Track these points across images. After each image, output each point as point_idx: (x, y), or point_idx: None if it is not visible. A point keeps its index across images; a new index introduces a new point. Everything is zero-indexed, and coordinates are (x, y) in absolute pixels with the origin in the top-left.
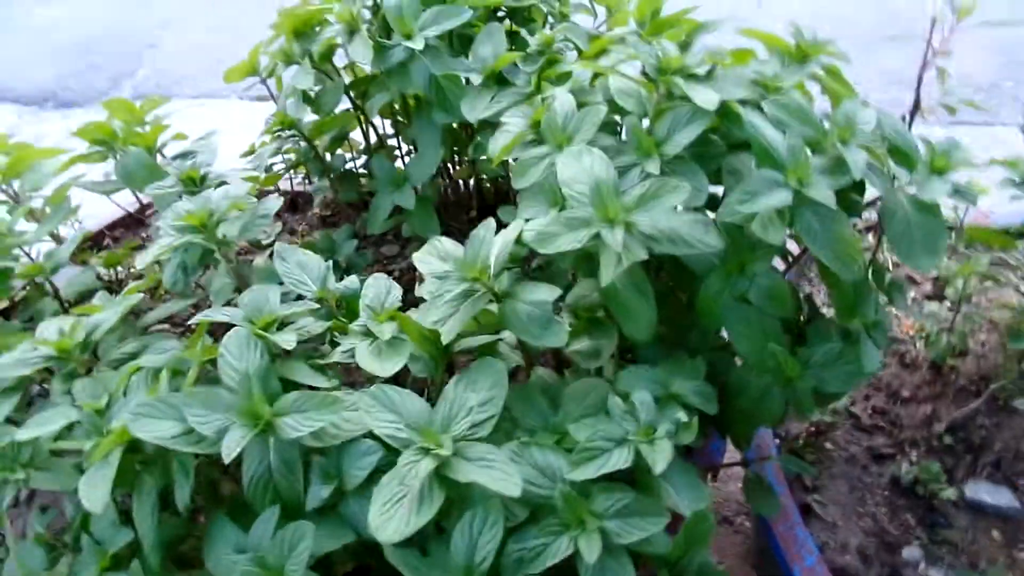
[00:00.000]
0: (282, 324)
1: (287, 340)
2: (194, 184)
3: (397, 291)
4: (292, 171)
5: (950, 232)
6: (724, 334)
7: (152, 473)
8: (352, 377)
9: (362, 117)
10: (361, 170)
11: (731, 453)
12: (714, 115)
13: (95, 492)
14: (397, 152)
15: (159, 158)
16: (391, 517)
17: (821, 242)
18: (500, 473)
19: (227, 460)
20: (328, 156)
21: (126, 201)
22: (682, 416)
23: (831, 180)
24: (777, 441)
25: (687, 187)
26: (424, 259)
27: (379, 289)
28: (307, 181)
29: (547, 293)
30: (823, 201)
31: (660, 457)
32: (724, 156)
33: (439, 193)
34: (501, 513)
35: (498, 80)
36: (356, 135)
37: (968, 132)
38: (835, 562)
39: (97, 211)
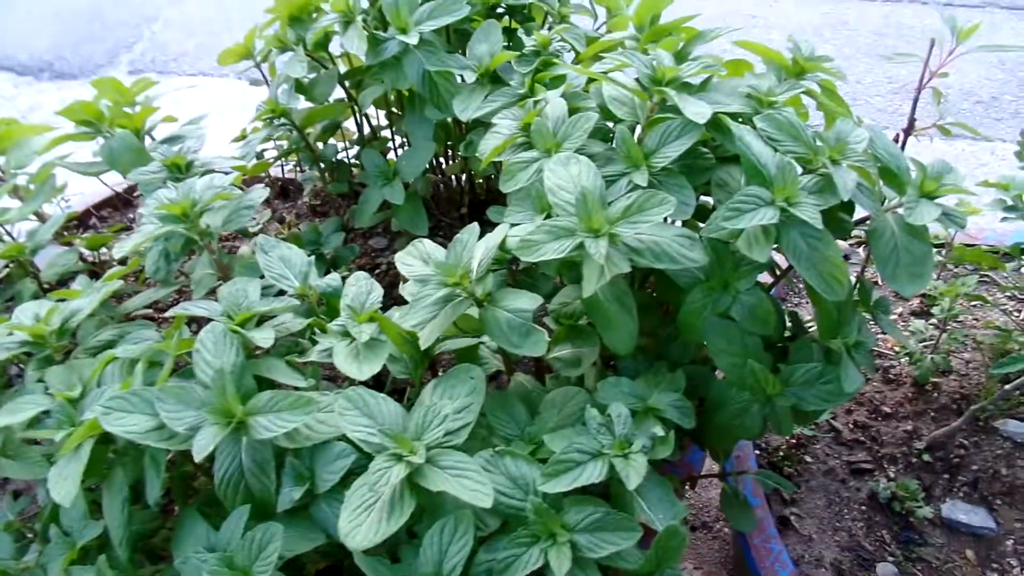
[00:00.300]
0: (261, 319)
1: (264, 338)
2: (179, 171)
3: (378, 291)
4: (284, 158)
5: (940, 248)
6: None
7: (123, 466)
8: (334, 372)
9: (356, 107)
10: (353, 160)
11: (711, 461)
12: (705, 128)
13: (64, 484)
14: (390, 144)
15: (147, 141)
16: (360, 524)
17: (806, 262)
18: (472, 483)
19: (198, 459)
20: (320, 146)
21: (114, 180)
22: (658, 430)
23: (819, 199)
24: (757, 452)
25: (673, 201)
26: (406, 261)
27: (360, 288)
28: (299, 168)
29: (528, 302)
30: (810, 221)
31: (634, 472)
32: (714, 169)
33: (430, 188)
34: (472, 523)
35: (492, 78)
36: (350, 124)
37: (968, 145)
38: (810, 575)
39: (85, 188)
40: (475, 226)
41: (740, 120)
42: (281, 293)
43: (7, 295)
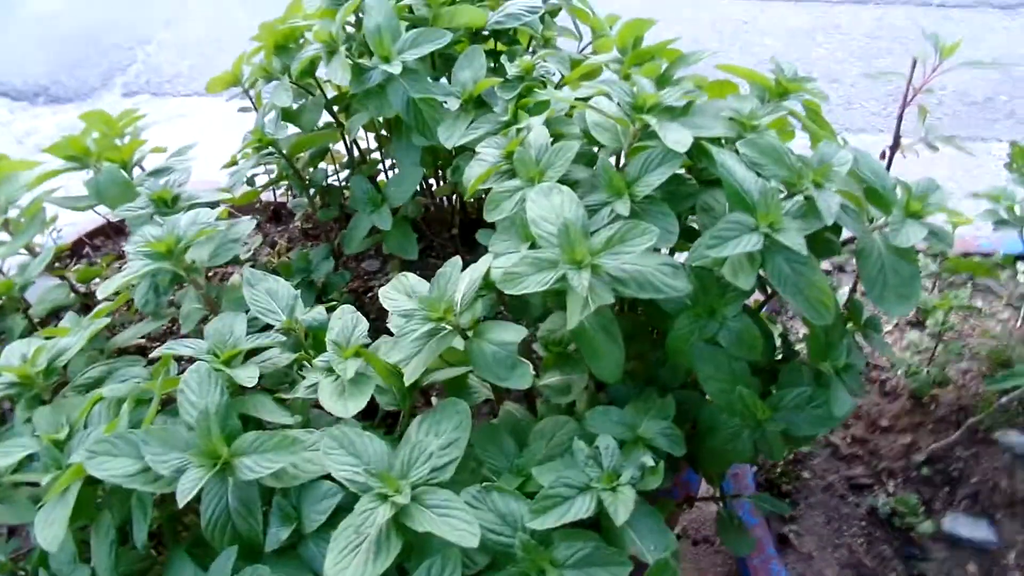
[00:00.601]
0: (248, 355)
1: (248, 377)
2: (166, 205)
3: (363, 325)
4: (273, 184)
5: (935, 258)
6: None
7: (111, 508)
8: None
9: (344, 132)
10: (344, 184)
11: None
12: (688, 153)
13: (51, 529)
14: (380, 167)
15: (136, 171)
16: (347, 566)
17: (792, 288)
18: (458, 522)
19: (181, 503)
20: (310, 170)
21: (106, 210)
22: (648, 460)
23: (804, 223)
24: (754, 468)
25: (656, 231)
26: (390, 295)
27: (346, 323)
28: (290, 192)
29: (513, 334)
30: (794, 248)
31: (622, 507)
32: (698, 194)
33: (421, 209)
34: (459, 562)
35: (477, 103)
36: (340, 146)
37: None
38: None
39: (77, 219)
40: (457, 259)
41: (724, 143)
42: (268, 327)
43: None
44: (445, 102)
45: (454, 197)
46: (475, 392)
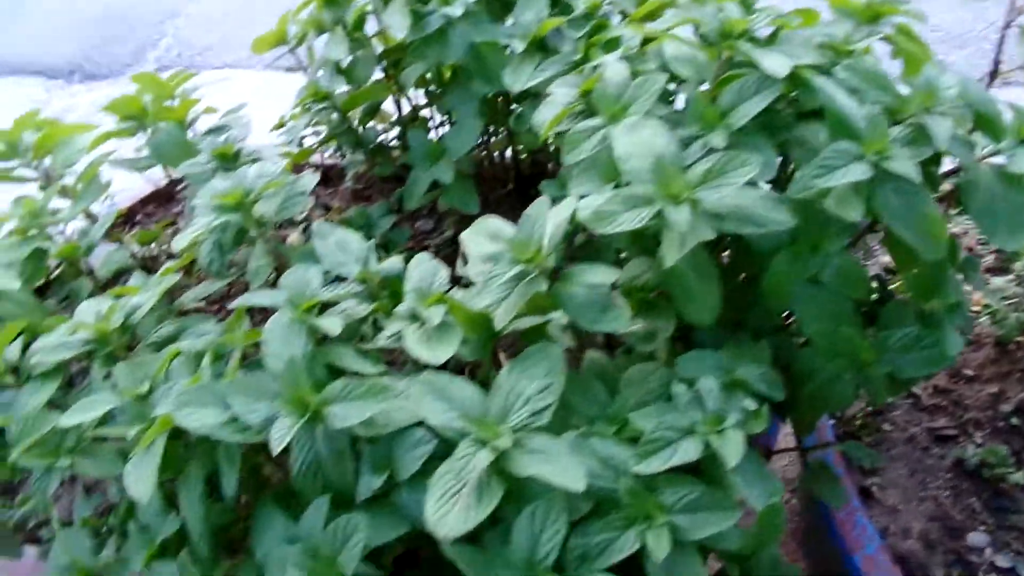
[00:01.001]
0: (324, 307)
1: (332, 325)
2: (228, 160)
3: (444, 272)
4: (324, 145)
5: None
6: (787, 315)
7: (198, 461)
8: (393, 358)
9: (395, 88)
10: (393, 143)
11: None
12: (783, 83)
13: (141, 481)
14: (431, 124)
15: (190, 133)
16: (448, 512)
17: (902, 219)
18: (563, 466)
19: (276, 451)
20: (361, 129)
21: (156, 176)
22: (749, 404)
23: (913, 151)
24: (832, 422)
25: (757, 161)
26: (473, 239)
27: (425, 271)
28: (339, 154)
29: (604, 275)
30: (905, 175)
31: (732, 450)
32: (791, 127)
33: (474, 166)
34: (565, 507)
35: (540, 47)
36: (388, 106)
37: None
38: (897, 548)
39: (128, 185)
40: (546, 199)
41: (818, 72)
42: (339, 280)
43: (61, 294)
44: (508, 45)
45: (507, 153)
46: (555, 341)
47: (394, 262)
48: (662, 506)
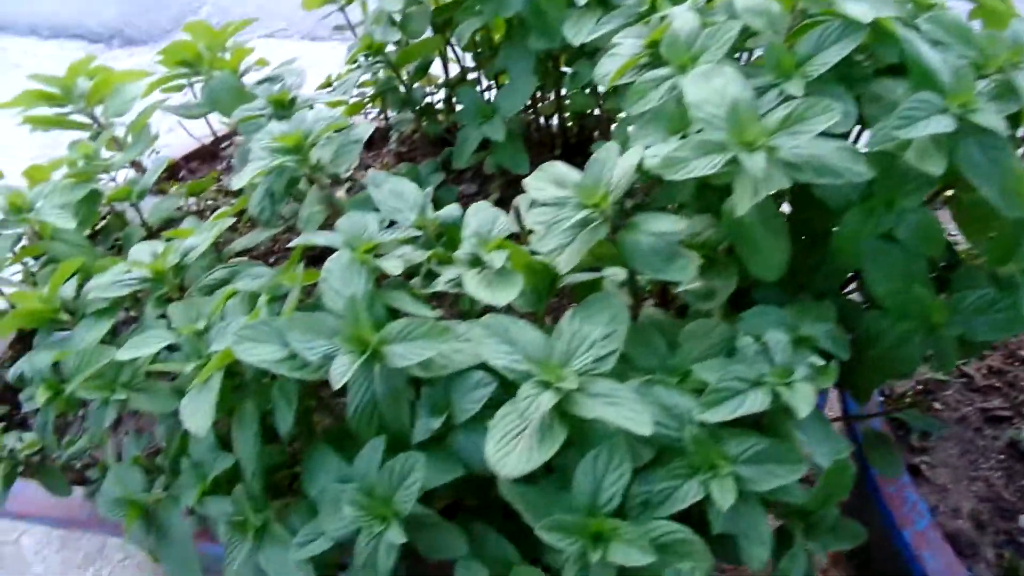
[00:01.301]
0: (379, 253)
1: (393, 266)
2: (283, 107)
3: (503, 219)
4: (372, 102)
5: None
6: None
7: (253, 399)
8: (441, 305)
9: (441, 49)
10: (439, 106)
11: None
12: (864, 33)
13: (198, 416)
14: (478, 87)
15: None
16: (510, 452)
17: (986, 175)
18: (628, 411)
19: (336, 386)
20: (410, 87)
21: (201, 132)
22: (817, 360)
23: (999, 105)
24: (880, 399)
25: (837, 108)
26: (536, 184)
27: (484, 217)
28: (383, 117)
29: (671, 224)
30: (992, 128)
31: (802, 401)
32: (869, 80)
33: (523, 128)
34: (628, 453)
35: (601, 1)
36: (435, 69)
37: None
38: (946, 527)
39: (171, 142)
40: (614, 144)
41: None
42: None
43: (107, 243)
44: None
45: (554, 120)
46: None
47: (452, 209)
48: (727, 456)
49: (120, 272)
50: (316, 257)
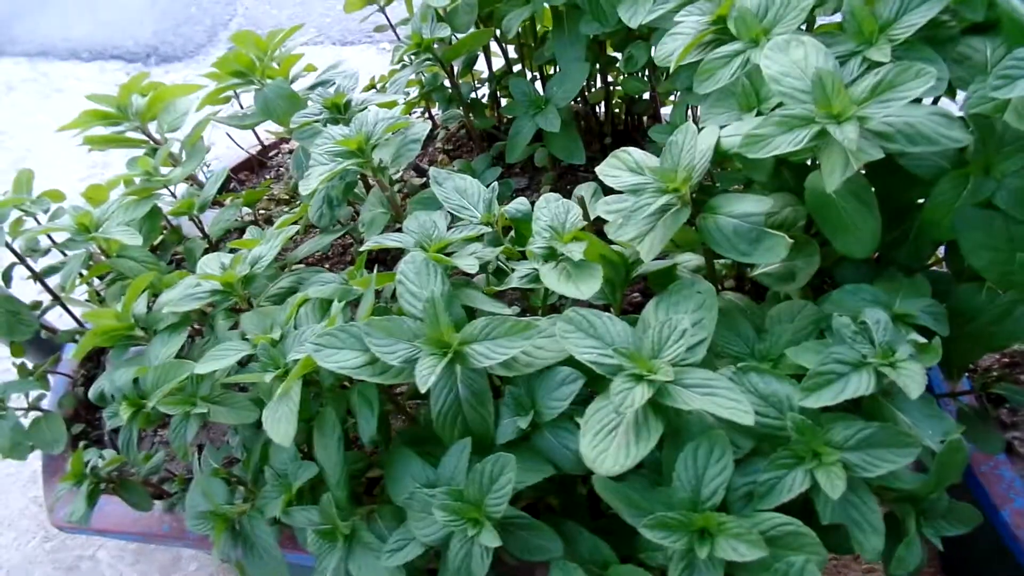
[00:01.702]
0: (450, 252)
1: (468, 264)
2: (339, 111)
3: (577, 210)
4: (422, 99)
5: None
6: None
7: (333, 406)
8: (506, 301)
9: (484, 46)
10: (484, 101)
11: None
12: None
13: (282, 425)
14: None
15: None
16: (606, 449)
17: None
18: (727, 400)
19: (423, 389)
20: (460, 81)
21: (249, 143)
22: (918, 337)
23: None
24: (966, 374)
25: (932, 72)
26: (611, 172)
27: (556, 209)
28: (426, 115)
29: (755, 205)
30: None
31: (911, 381)
32: (956, 41)
33: (572, 118)
34: (727, 443)
35: None
36: (479, 66)
37: None
38: None
39: (218, 154)
40: (691, 125)
41: None
42: (455, 222)
43: (165, 257)
44: None
45: (601, 108)
46: None
47: (520, 203)
48: (833, 443)
49: (191, 285)
50: (375, 259)
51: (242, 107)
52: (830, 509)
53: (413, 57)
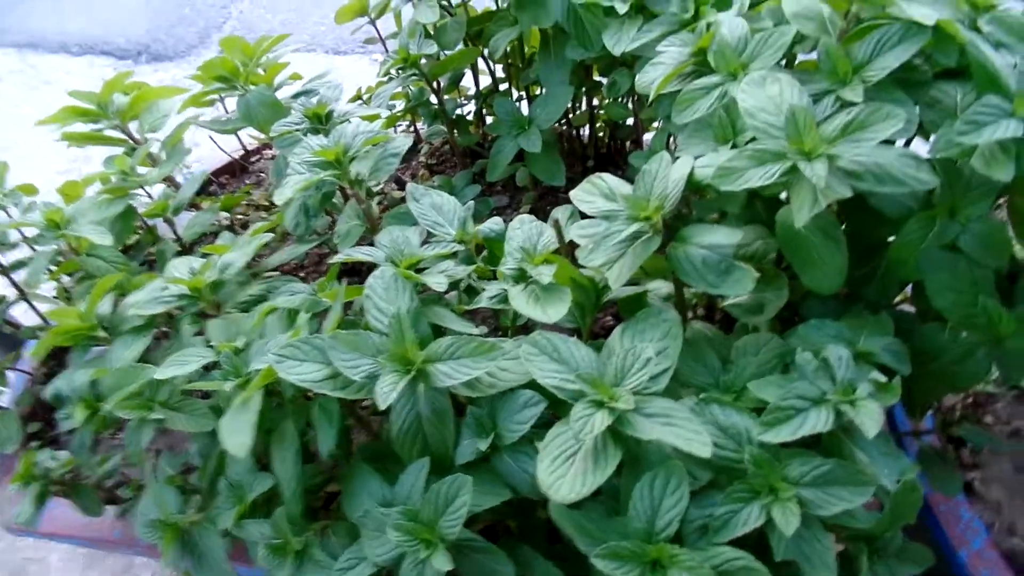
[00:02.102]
0: (420, 268)
1: (437, 282)
2: (320, 121)
3: (549, 232)
4: (406, 114)
5: None
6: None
7: (293, 418)
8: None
9: (472, 63)
10: (470, 118)
11: None
12: (927, 36)
13: (237, 435)
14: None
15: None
16: (563, 475)
17: None
18: (687, 431)
19: (382, 407)
20: (445, 97)
21: (232, 147)
22: (879, 376)
23: None
24: (930, 412)
25: (901, 114)
26: (584, 198)
27: (530, 231)
28: (411, 129)
29: (725, 236)
30: None
31: (869, 419)
32: (928, 85)
33: (556, 139)
34: (684, 474)
35: (641, 9)
36: (466, 82)
37: None
38: (1001, 545)
39: (200, 156)
40: (664, 155)
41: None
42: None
43: (139, 258)
44: (606, 8)
45: (585, 131)
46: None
47: (494, 222)
48: (789, 478)
49: (157, 289)
50: (348, 271)
51: (226, 111)
52: (783, 545)
53: (400, 71)
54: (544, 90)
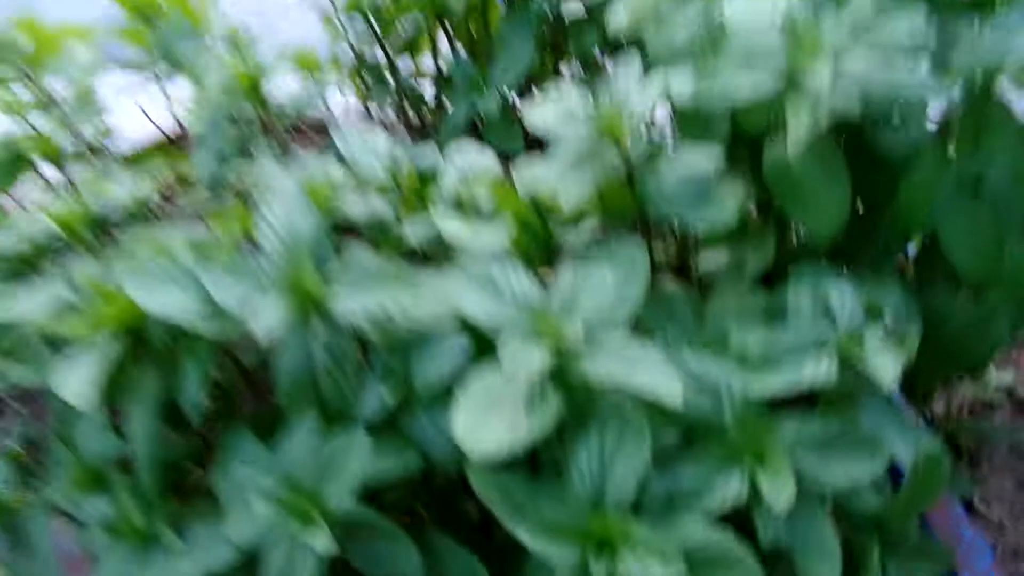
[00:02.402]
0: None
1: (355, 211)
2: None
3: (491, 154)
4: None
5: None
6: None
7: (157, 369)
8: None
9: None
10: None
11: None
12: None
13: (74, 381)
14: None
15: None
16: (486, 423)
17: None
18: (652, 371)
19: (264, 339)
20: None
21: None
22: (890, 325)
23: None
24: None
25: (911, 18)
26: (539, 112)
27: (470, 157)
28: (365, 106)
29: (704, 157)
30: None
31: (886, 368)
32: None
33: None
34: (646, 430)
35: None
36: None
37: None
38: (1005, 568)
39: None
40: (637, 69)
41: None
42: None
43: None
44: None
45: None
46: None
47: (430, 153)
48: (780, 441)
49: (23, 224)
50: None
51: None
52: (771, 525)
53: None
54: (505, 51)
